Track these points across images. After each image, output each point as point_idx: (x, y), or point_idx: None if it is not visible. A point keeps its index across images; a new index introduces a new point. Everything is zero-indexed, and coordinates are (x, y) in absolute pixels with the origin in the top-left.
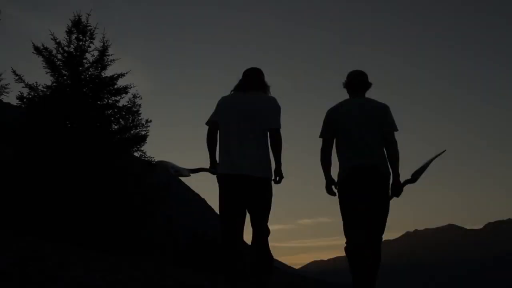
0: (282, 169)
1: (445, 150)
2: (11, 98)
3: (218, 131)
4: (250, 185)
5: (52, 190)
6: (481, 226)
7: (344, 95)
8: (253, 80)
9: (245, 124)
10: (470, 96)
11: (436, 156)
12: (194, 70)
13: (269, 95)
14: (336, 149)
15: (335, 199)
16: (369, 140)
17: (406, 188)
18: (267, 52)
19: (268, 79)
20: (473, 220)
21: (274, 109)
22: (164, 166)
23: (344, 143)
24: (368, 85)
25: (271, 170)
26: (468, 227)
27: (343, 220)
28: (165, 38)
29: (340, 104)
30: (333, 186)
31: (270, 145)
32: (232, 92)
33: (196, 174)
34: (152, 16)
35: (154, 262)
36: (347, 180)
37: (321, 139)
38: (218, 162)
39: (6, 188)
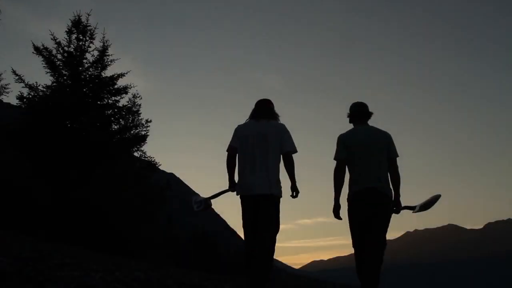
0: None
1: (440, 195)
2: (11, 98)
3: (237, 155)
4: (258, 202)
5: (52, 190)
6: (481, 226)
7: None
8: (263, 110)
9: (258, 149)
10: (469, 95)
11: (434, 200)
12: (194, 70)
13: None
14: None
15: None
16: (375, 165)
17: (406, 188)
18: (267, 53)
19: (266, 77)
20: (473, 220)
21: (285, 134)
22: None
23: (353, 166)
24: (369, 115)
25: (277, 188)
26: (468, 227)
27: (351, 229)
28: (165, 38)
29: (350, 131)
30: (340, 212)
31: (284, 166)
32: (247, 120)
33: (197, 176)
34: (152, 16)
35: (154, 262)
36: (355, 198)
37: (329, 157)
38: (237, 182)
39: (6, 188)
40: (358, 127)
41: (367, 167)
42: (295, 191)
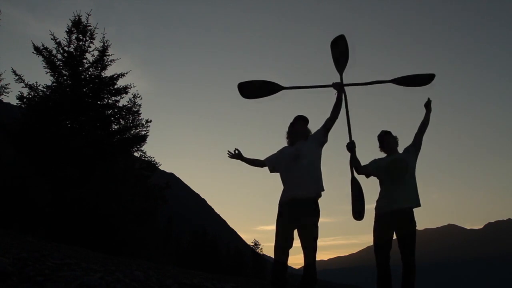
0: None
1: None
2: (11, 98)
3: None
4: None
5: (52, 190)
6: (481, 226)
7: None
8: None
9: None
10: (469, 95)
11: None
12: (194, 70)
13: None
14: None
15: (335, 200)
16: None
17: None
18: (267, 52)
19: (267, 78)
20: (473, 220)
21: None
22: None
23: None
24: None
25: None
26: (468, 227)
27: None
28: (165, 38)
29: None
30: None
31: None
32: None
33: (197, 176)
34: (152, 16)
35: (154, 262)
36: None
37: None
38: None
39: (6, 188)
40: None
41: None
42: None
